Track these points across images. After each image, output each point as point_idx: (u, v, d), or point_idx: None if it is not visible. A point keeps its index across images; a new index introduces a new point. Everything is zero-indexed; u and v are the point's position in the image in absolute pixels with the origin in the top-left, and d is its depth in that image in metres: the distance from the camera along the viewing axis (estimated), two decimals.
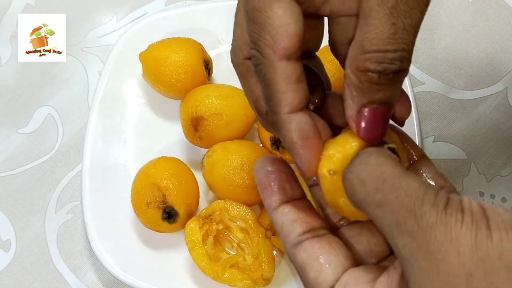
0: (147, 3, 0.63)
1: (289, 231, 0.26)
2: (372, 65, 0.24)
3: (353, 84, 0.25)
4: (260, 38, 0.25)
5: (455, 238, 0.20)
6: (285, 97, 0.25)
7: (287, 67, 0.25)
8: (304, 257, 0.26)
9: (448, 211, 0.21)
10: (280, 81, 0.25)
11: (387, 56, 0.23)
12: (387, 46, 0.23)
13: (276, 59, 0.25)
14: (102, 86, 0.54)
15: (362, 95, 0.25)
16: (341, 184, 0.25)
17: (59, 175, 0.56)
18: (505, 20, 0.58)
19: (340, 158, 0.26)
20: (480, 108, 0.55)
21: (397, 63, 0.24)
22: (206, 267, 0.44)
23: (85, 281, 0.52)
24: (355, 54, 0.24)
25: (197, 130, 0.49)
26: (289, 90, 0.25)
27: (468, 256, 0.20)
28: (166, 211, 0.46)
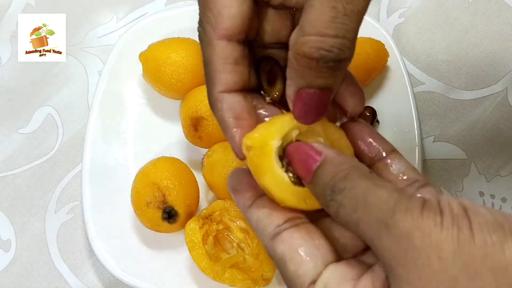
0: (147, 3, 0.63)
1: (266, 224, 0.26)
2: (309, 49, 0.23)
3: (293, 66, 0.24)
4: (203, 15, 0.25)
5: (436, 242, 0.19)
6: (219, 76, 0.26)
7: (226, 47, 0.25)
8: (283, 249, 0.25)
9: (425, 214, 0.20)
10: (216, 59, 0.25)
11: (326, 42, 0.23)
12: (326, 30, 0.22)
13: (215, 37, 0.25)
14: (102, 86, 0.54)
15: (301, 78, 0.24)
16: (259, 161, 0.25)
17: (59, 175, 0.56)
18: (505, 20, 0.58)
19: (260, 135, 0.26)
20: (480, 108, 0.55)
21: (335, 51, 0.23)
22: (206, 267, 0.44)
23: (85, 281, 0.52)
24: (296, 36, 0.24)
25: (197, 130, 0.49)
26: (224, 70, 0.26)
27: (451, 260, 0.19)
28: (166, 211, 0.46)
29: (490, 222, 0.19)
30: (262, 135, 0.26)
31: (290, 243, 0.25)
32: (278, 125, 0.26)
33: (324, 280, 0.23)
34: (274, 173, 0.25)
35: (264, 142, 0.26)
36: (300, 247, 0.25)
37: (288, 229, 0.25)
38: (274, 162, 0.25)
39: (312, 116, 0.26)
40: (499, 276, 0.19)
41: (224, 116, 0.26)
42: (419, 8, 0.59)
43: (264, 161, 0.25)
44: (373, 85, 0.53)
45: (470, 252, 0.19)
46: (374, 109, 0.51)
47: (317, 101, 0.25)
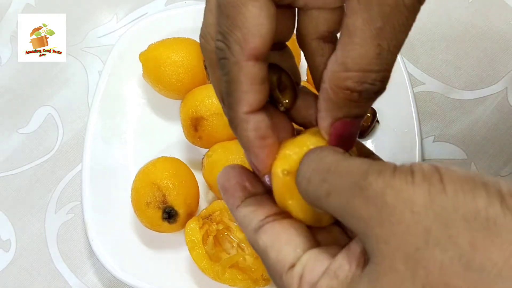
0: (147, 3, 0.63)
1: (251, 219, 0.26)
2: (353, 84, 0.23)
3: (330, 99, 0.24)
4: (230, 33, 0.24)
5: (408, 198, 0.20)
6: (246, 97, 0.25)
7: (254, 67, 0.25)
8: (265, 239, 0.25)
9: (397, 175, 0.20)
10: (244, 80, 0.25)
11: (370, 77, 0.23)
12: (371, 66, 0.23)
13: (244, 58, 0.24)
14: (102, 86, 0.54)
15: (338, 110, 0.25)
16: (293, 185, 0.25)
17: (59, 175, 0.56)
18: (505, 20, 0.58)
19: (295, 159, 0.26)
20: (480, 108, 0.55)
21: (378, 84, 0.24)
22: (206, 267, 0.44)
23: (85, 281, 0.52)
24: (336, 70, 0.24)
25: (197, 130, 0.49)
26: (251, 91, 0.25)
27: (423, 212, 0.19)
28: (166, 211, 0.46)
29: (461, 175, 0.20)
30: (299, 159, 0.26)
31: (271, 233, 0.25)
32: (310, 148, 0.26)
33: (303, 262, 0.24)
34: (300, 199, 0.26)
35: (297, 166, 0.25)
36: (281, 235, 0.25)
37: (271, 222, 0.26)
38: None
39: (349, 144, 0.26)
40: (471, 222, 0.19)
41: (250, 137, 0.26)
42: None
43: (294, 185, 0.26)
44: None
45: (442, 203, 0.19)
46: (374, 109, 0.51)
47: (353, 129, 0.26)
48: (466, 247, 0.19)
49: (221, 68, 0.26)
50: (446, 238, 0.19)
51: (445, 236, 0.19)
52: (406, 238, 0.19)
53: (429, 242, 0.19)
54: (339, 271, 0.22)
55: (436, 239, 0.19)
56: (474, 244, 0.18)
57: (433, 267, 0.19)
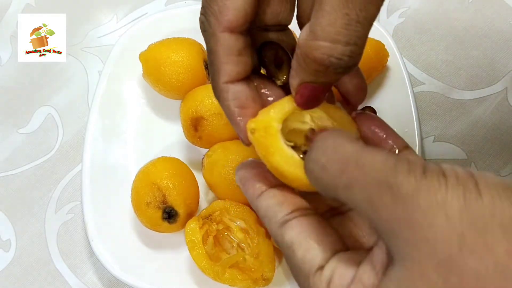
0: (147, 3, 0.63)
1: (275, 212, 0.26)
2: (320, 56, 0.23)
3: (300, 63, 0.25)
4: (208, 6, 0.26)
5: (442, 201, 0.19)
6: (224, 67, 0.26)
7: (229, 39, 0.26)
8: (292, 235, 0.25)
9: (428, 176, 0.20)
10: (221, 51, 0.26)
11: (337, 49, 0.23)
12: (338, 37, 0.23)
13: (219, 30, 0.26)
14: (102, 86, 0.54)
15: (306, 74, 0.25)
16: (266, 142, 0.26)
17: (59, 175, 0.56)
18: (505, 20, 0.58)
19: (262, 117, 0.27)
20: (480, 108, 0.55)
21: (345, 58, 0.23)
22: (206, 267, 0.44)
23: (85, 281, 0.52)
24: (306, 38, 0.24)
25: (197, 130, 0.49)
26: (229, 61, 0.26)
27: (458, 217, 0.19)
28: (166, 211, 0.46)
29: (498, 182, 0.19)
30: (264, 117, 0.27)
31: (299, 230, 0.25)
32: (278, 108, 0.27)
33: (332, 267, 0.23)
34: (282, 151, 0.26)
35: (267, 123, 0.26)
36: (309, 234, 0.24)
37: (298, 217, 0.25)
38: (280, 142, 0.26)
39: (313, 105, 0.27)
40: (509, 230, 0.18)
41: (230, 105, 0.27)
42: (419, 8, 0.59)
43: (271, 141, 0.26)
44: (373, 85, 0.53)
45: (478, 209, 0.18)
46: (374, 109, 0.51)
47: (319, 93, 0.26)
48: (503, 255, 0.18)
49: (204, 40, 0.27)
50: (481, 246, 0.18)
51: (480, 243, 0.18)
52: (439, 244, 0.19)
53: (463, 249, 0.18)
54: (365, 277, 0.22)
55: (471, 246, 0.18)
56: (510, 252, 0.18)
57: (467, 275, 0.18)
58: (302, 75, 0.25)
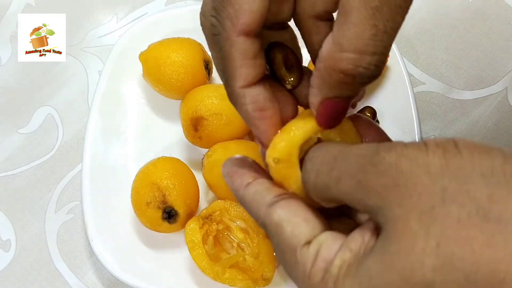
0: (147, 3, 0.63)
1: (264, 195, 0.26)
2: (347, 67, 0.23)
3: (322, 77, 0.25)
4: (222, 9, 0.25)
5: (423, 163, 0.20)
6: (239, 72, 0.26)
7: (245, 42, 0.25)
8: (281, 214, 0.25)
9: (409, 146, 0.20)
10: (236, 55, 0.25)
11: (365, 60, 0.23)
12: (366, 47, 0.23)
13: (235, 34, 0.25)
14: (102, 86, 0.54)
15: (330, 89, 0.25)
16: (286, 173, 0.26)
17: (59, 175, 0.56)
18: (505, 20, 0.58)
19: (285, 146, 0.26)
20: (480, 108, 0.55)
21: (373, 68, 0.23)
22: (206, 267, 0.44)
23: (85, 281, 0.52)
24: (331, 51, 0.23)
25: (197, 130, 0.49)
26: (244, 65, 0.26)
27: (440, 173, 0.19)
28: (166, 211, 0.46)
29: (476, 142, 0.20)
30: (287, 146, 0.26)
31: (288, 209, 0.25)
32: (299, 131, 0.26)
33: (319, 241, 0.24)
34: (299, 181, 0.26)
35: (289, 153, 0.26)
36: (299, 212, 0.25)
37: (287, 198, 0.26)
38: (298, 170, 0.26)
39: (336, 122, 0.27)
40: (488, 177, 0.19)
41: (249, 110, 0.26)
42: (419, 8, 0.59)
43: (292, 172, 0.26)
44: (373, 85, 0.53)
45: (458, 163, 0.19)
46: (374, 109, 0.51)
47: (342, 109, 0.26)
48: (484, 200, 0.19)
49: (215, 44, 0.26)
50: (463, 194, 0.19)
51: (462, 192, 0.19)
52: (422, 199, 0.19)
53: (446, 199, 0.19)
54: (352, 244, 0.22)
55: (453, 196, 0.19)
56: (491, 197, 0.19)
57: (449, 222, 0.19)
58: (325, 91, 0.25)
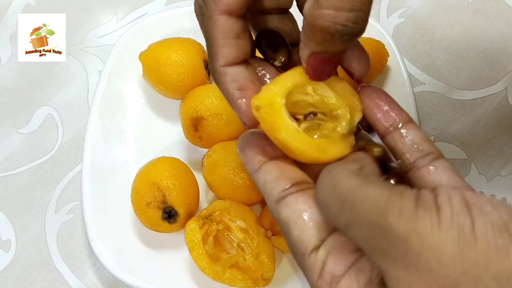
0: (147, 3, 0.63)
1: (272, 188, 0.26)
2: (325, 24, 0.23)
3: (307, 34, 0.25)
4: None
5: (434, 245, 0.18)
6: (221, 50, 0.26)
7: (227, 22, 0.26)
8: (288, 214, 0.25)
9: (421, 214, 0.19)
10: (218, 34, 0.26)
11: (341, 16, 0.23)
12: (341, 4, 0.23)
13: (217, 13, 0.25)
14: (102, 86, 0.54)
15: (315, 45, 0.25)
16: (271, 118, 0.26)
17: (59, 175, 0.56)
18: (505, 20, 0.58)
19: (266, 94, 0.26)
20: (480, 108, 0.55)
21: (350, 25, 0.23)
22: (206, 267, 0.44)
23: (85, 281, 0.52)
24: (310, 7, 0.24)
25: (197, 130, 0.49)
26: (226, 45, 0.26)
27: (452, 265, 0.18)
28: (166, 211, 0.46)
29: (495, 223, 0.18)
30: (268, 94, 0.27)
31: (294, 208, 0.25)
32: (281, 83, 0.27)
33: (327, 248, 0.23)
34: (289, 127, 0.26)
35: (271, 99, 0.26)
36: (304, 212, 0.25)
37: (294, 193, 0.25)
38: (286, 117, 0.26)
39: (325, 76, 0.27)
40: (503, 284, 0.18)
41: (229, 88, 0.27)
42: (419, 8, 0.59)
43: (277, 117, 0.26)
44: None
45: (472, 257, 0.18)
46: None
47: (330, 63, 0.26)
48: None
49: (201, 24, 0.27)
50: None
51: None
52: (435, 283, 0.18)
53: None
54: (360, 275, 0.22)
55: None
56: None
57: None
58: (311, 46, 0.25)
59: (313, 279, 0.23)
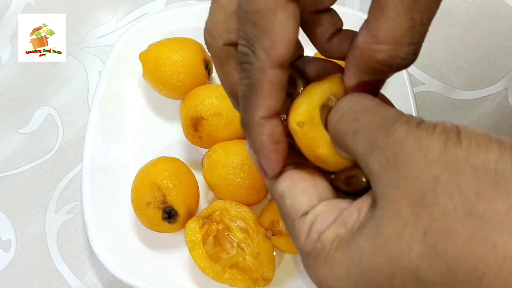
0: (147, 3, 0.63)
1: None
2: (385, 57, 0.24)
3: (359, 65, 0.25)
4: (257, 40, 0.25)
5: (424, 146, 0.20)
6: (266, 102, 0.26)
7: (278, 74, 0.25)
8: (284, 186, 0.26)
9: (420, 126, 0.21)
10: (267, 87, 0.25)
11: (402, 50, 0.23)
12: (403, 39, 0.23)
13: (270, 65, 0.25)
14: (102, 86, 0.54)
15: (366, 75, 0.25)
16: (314, 134, 0.26)
17: (59, 175, 0.56)
18: (505, 20, 0.58)
19: (306, 108, 0.26)
20: (480, 108, 0.55)
21: (410, 57, 0.24)
22: (206, 267, 0.44)
23: (85, 281, 0.52)
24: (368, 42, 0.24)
25: (197, 130, 0.49)
26: (271, 97, 0.25)
27: (436, 160, 0.20)
28: (166, 211, 0.46)
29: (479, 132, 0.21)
30: (309, 107, 0.26)
31: (290, 180, 0.26)
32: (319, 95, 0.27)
33: (315, 212, 0.24)
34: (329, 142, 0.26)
35: (311, 115, 0.26)
36: (298, 183, 0.26)
37: (291, 169, 0.27)
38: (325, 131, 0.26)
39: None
40: (480, 173, 0.19)
41: (264, 140, 0.26)
42: None
43: (318, 132, 0.26)
44: None
45: (455, 153, 0.20)
46: None
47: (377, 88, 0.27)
48: (471, 195, 0.19)
49: (242, 71, 0.26)
50: (453, 186, 0.19)
51: (452, 183, 0.19)
52: (415, 184, 0.20)
53: (437, 189, 0.20)
54: (348, 219, 0.23)
55: (444, 186, 0.20)
56: (479, 193, 0.19)
57: (437, 213, 0.19)
58: (360, 75, 0.25)
59: (300, 241, 0.24)
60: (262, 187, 0.48)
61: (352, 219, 0.23)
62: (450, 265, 0.19)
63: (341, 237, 0.23)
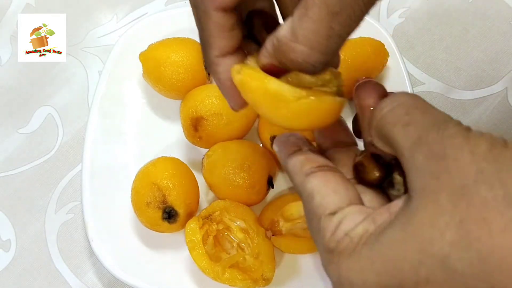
0: (147, 3, 0.63)
1: (304, 164, 0.27)
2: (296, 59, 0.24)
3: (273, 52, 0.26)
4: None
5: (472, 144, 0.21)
6: (215, 41, 0.27)
7: (222, 17, 0.27)
8: (314, 183, 0.26)
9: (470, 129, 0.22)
10: (213, 28, 0.27)
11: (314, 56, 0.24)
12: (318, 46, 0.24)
13: (212, 8, 0.26)
14: (102, 86, 0.54)
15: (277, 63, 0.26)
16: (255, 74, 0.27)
17: (59, 175, 0.56)
18: (505, 20, 0.58)
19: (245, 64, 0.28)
20: (480, 108, 0.55)
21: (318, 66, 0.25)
22: (206, 267, 0.44)
23: (85, 281, 0.52)
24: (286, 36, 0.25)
25: (197, 130, 0.49)
26: (220, 37, 0.27)
27: (482, 156, 0.20)
28: (166, 211, 0.46)
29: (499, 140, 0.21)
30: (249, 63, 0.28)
31: (322, 179, 0.26)
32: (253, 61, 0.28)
33: (344, 212, 0.24)
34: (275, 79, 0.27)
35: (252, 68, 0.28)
36: (330, 184, 0.26)
37: (324, 171, 0.27)
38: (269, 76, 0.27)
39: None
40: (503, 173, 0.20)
41: (221, 78, 0.28)
42: (419, 8, 0.59)
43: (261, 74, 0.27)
44: None
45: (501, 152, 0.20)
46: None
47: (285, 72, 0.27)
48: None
49: (194, 15, 0.28)
50: (495, 179, 0.20)
51: (495, 177, 0.20)
52: (457, 175, 0.20)
53: (478, 180, 0.20)
54: (378, 217, 0.23)
55: (486, 178, 0.20)
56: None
57: (475, 201, 0.20)
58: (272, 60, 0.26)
59: (325, 237, 0.24)
60: (262, 187, 0.48)
61: (382, 218, 0.23)
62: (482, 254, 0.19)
63: (370, 232, 0.23)
